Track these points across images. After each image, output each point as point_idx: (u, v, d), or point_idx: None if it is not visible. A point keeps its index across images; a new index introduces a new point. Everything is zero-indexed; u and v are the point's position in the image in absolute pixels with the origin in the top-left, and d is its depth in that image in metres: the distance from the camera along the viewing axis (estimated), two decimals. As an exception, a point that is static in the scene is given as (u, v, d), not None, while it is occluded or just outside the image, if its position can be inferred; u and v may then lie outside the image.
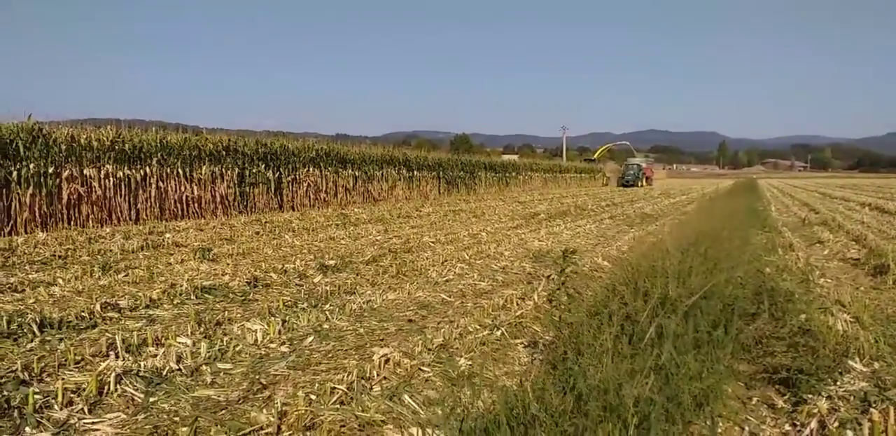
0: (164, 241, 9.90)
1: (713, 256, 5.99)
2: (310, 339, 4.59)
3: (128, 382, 3.54)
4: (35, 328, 4.58)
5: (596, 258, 8.36)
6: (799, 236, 11.39)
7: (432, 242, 10.17)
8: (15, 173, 11.50)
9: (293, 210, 17.82)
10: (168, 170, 14.74)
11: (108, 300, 5.53)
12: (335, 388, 3.42)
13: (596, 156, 76.46)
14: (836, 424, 3.01)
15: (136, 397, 3.39)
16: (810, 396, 3.33)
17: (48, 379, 3.63)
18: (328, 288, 6.36)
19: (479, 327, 4.79)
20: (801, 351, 4.00)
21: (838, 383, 3.45)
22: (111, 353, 4.06)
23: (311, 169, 19.41)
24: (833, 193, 30.14)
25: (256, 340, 4.50)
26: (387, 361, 3.91)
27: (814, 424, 3.05)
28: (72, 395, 3.36)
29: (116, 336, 4.31)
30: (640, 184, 50.63)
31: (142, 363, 3.83)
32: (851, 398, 3.27)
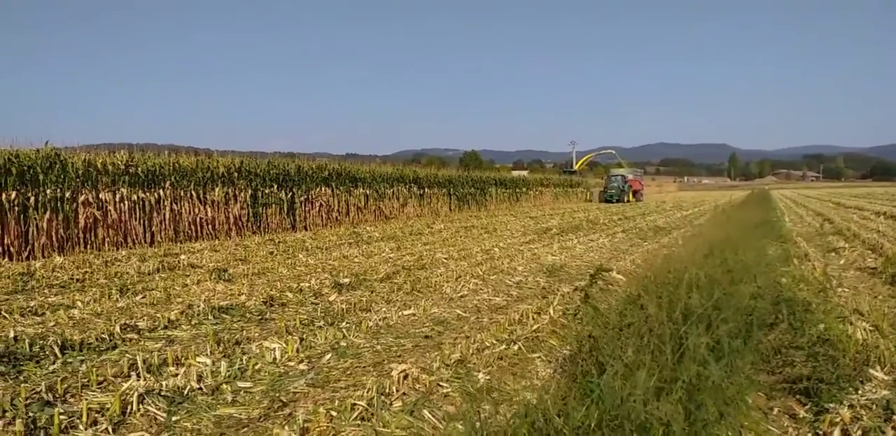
0: (179, 262, 9.99)
1: (730, 267, 5.98)
2: (328, 356, 4.62)
3: (150, 401, 3.58)
4: (57, 350, 4.64)
5: (610, 272, 8.33)
6: (814, 246, 11.32)
7: (445, 259, 10.19)
8: (32, 199, 11.66)
9: (306, 230, 17.90)
10: (181, 192, 14.89)
11: (126, 322, 5.59)
12: (356, 404, 3.44)
13: (577, 167, 68.60)
14: (860, 432, 3.00)
15: (158, 417, 3.43)
16: (832, 405, 3.31)
17: (72, 400, 3.68)
18: (344, 306, 6.38)
19: (495, 342, 4.80)
20: (821, 360, 3.97)
21: (860, 392, 3.44)
22: (132, 373, 4.10)
23: (323, 188, 19.53)
24: (847, 203, 29.94)
25: (275, 358, 4.53)
26: (405, 377, 3.92)
27: (837, 433, 3.04)
28: (96, 415, 3.40)
29: (137, 357, 4.36)
30: (626, 199, 42.90)
31: (163, 383, 3.87)
32: (874, 407, 3.25)
